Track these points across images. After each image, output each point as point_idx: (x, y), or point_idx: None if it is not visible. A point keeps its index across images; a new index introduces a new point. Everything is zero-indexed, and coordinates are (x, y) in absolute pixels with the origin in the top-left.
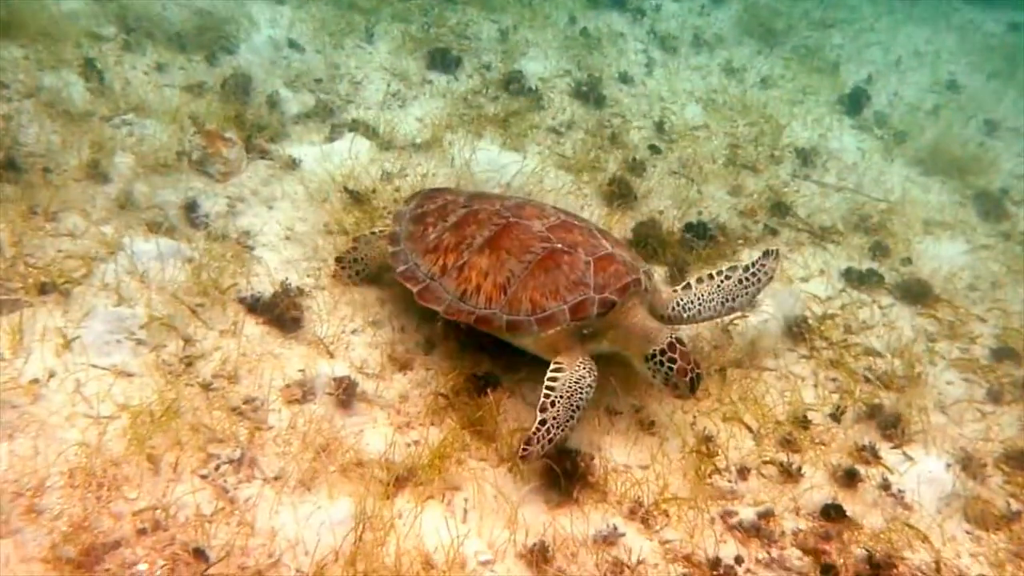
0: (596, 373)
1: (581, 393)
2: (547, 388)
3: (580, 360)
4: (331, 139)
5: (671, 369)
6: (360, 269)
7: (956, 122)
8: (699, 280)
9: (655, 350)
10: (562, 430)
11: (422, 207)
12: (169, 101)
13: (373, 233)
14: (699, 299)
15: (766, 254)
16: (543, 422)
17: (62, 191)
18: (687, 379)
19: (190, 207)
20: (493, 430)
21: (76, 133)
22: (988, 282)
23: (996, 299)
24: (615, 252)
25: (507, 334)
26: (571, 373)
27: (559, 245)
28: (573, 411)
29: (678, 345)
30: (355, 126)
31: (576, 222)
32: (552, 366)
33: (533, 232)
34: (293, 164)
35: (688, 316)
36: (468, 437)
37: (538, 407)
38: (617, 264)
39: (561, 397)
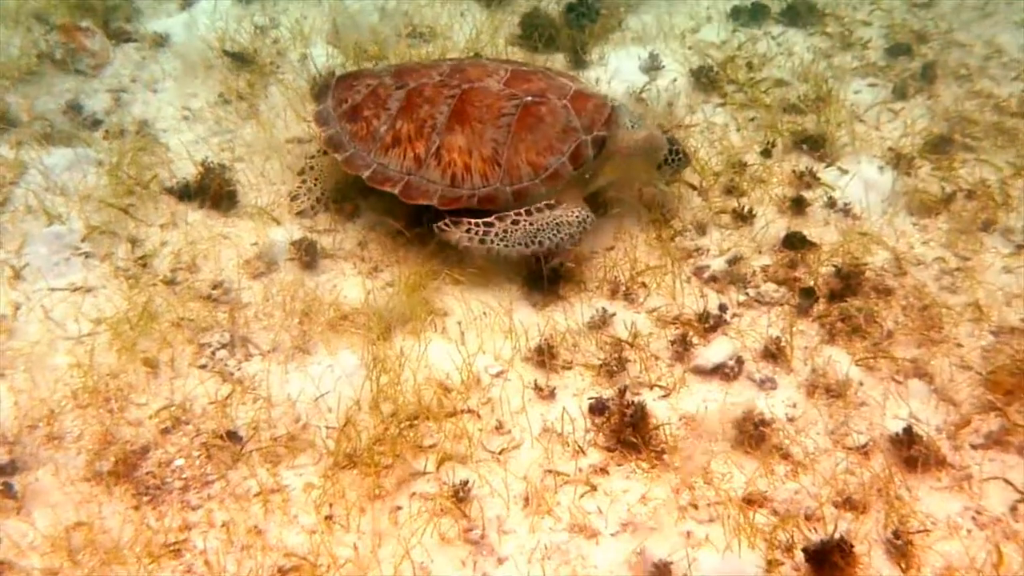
0: (588, 225)
1: (555, 233)
2: (525, 211)
3: (578, 208)
4: (188, 4)
5: (681, 160)
6: (319, 196)
7: None
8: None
9: (665, 155)
10: (505, 245)
11: (347, 100)
12: (4, 3)
13: (313, 157)
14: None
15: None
16: (489, 224)
17: None
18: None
19: (74, 109)
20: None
21: None
22: None
23: (873, 0)
24: (581, 87)
25: (515, 205)
26: (559, 213)
27: (529, 98)
28: (533, 241)
29: (674, 137)
30: None
31: (525, 68)
32: (548, 202)
33: (494, 92)
34: (161, 40)
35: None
36: (436, 265)
37: (497, 215)
38: (592, 99)
39: (530, 224)
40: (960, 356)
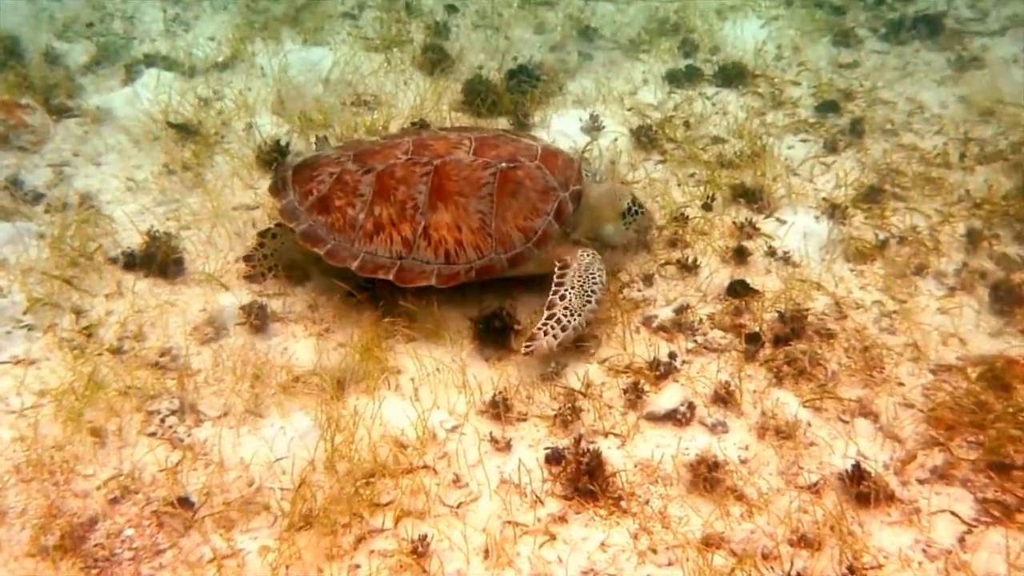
0: (600, 257)
1: (594, 278)
2: (556, 285)
3: (580, 251)
4: (131, 80)
5: (642, 214)
6: (272, 265)
7: None
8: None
9: (627, 206)
10: (576, 317)
11: (312, 191)
12: None
13: (278, 225)
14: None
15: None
16: (552, 315)
17: None
18: (648, 215)
19: (15, 184)
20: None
21: None
22: (789, 48)
23: (801, 61)
24: (546, 145)
25: (510, 271)
26: (577, 264)
27: (503, 164)
28: (588, 297)
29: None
30: (151, 60)
31: (487, 134)
32: (557, 265)
33: (467, 164)
34: (103, 115)
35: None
36: (388, 323)
37: (545, 304)
38: (561, 155)
39: (571, 288)
40: (902, 395)
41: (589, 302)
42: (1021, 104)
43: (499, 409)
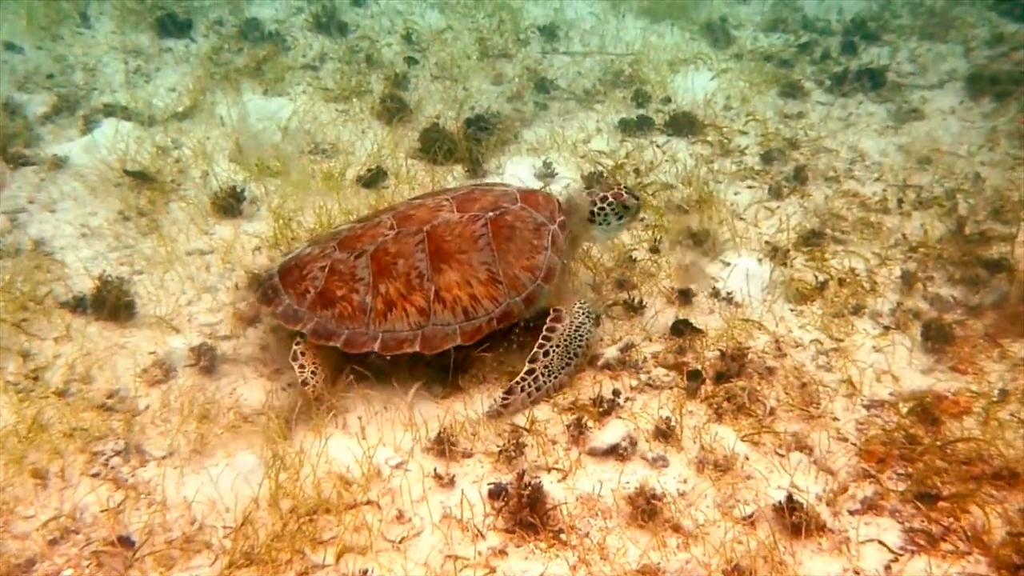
0: (594, 315)
1: (580, 340)
2: (543, 338)
3: (577, 304)
4: (89, 129)
5: (612, 204)
6: (323, 376)
7: None
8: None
9: (591, 208)
10: (554, 378)
11: (308, 290)
12: None
13: (297, 343)
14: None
15: None
16: (531, 372)
17: None
18: (633, 197)
19: None
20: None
21: None
22: (738, 99)
23: (749, 112)
24: (519, 187)
25: (527, 312)
26: (571, 320)
27: (490, 214)
28: (570, 358)
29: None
30: (111, 110)
31: (462, 190)
32: (551, 315)
33: (456, 221)
34: (60, 163)
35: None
36: (338, 364)
37: (528, 357)
38: (537, 192)
39: (557, 346)
40: (836, 429)
41: (569, 363)
42: (957, 153)
43: (444, 446)
